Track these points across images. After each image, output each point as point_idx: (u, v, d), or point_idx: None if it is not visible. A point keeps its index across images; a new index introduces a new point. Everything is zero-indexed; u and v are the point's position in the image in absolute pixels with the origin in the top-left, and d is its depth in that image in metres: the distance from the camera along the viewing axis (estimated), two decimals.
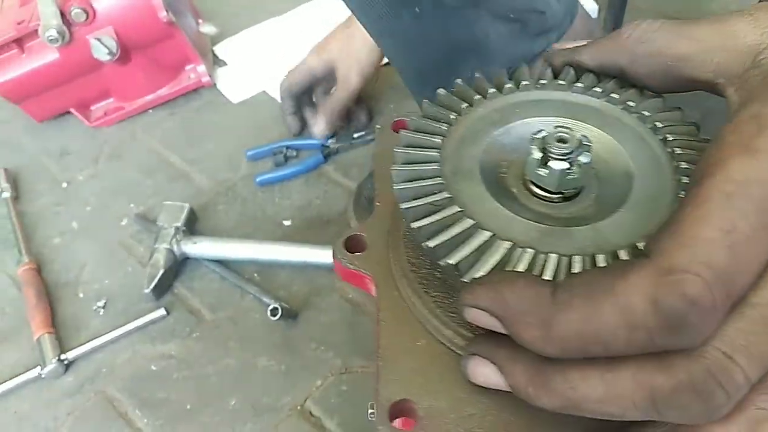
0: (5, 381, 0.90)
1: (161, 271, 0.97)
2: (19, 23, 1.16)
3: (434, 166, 0.34)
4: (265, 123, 1.26)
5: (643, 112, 0.36)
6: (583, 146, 0.33)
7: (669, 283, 0.23)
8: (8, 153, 1.28)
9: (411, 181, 0.33)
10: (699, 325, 0.23)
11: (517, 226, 0.32)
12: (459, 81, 0.39)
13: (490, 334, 0.28)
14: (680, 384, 0.23)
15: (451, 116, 0.37)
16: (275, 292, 0.97)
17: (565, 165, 0.32)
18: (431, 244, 0.31)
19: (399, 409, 0.32)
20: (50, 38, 1.14)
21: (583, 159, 0.32)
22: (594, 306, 0.24)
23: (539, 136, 0.33)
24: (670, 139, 0.34)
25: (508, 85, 0.39)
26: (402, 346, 0.35)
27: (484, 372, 0.30)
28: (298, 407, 0.85)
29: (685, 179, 0.32)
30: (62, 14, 1.15)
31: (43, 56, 1.20)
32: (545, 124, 0.36)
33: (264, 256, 1.00)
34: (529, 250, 0.29)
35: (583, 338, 0.24)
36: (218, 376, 0.90)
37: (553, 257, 0.29)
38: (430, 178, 0.33)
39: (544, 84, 0.39)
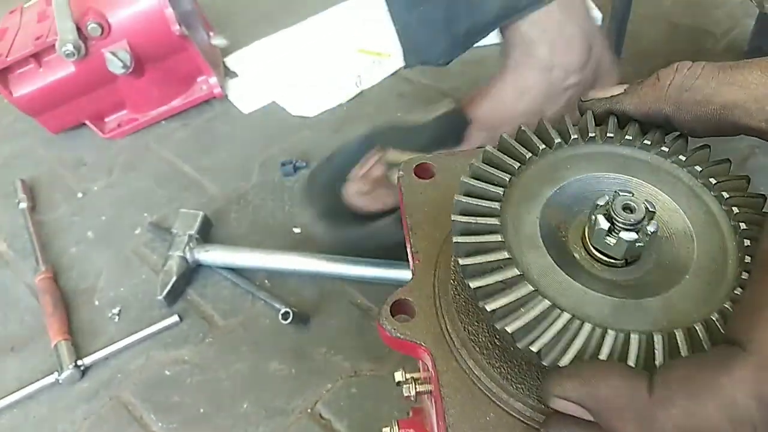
0: (24, 386, 0.93)
1: (174, 278, 0.99)
2: (37, 38, 1.19)
3: (497, 237, 0.31)
4: (276, 132, 1.29)
5: (695, 167, 0.35)
6: (649, 213, 0.31)
7: None
8: (25, 164, 1.31)
9: (475, 254, 0.31)
10: None
11: (590, 302, 0.30)
12: (505, 136, 0.36)
13: (562, 415, 0.28)
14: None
15: (506, 178, 0.34)
16: (286, 298, 0.99)
17: (635, 236, 0.31)
18: (509, 329, 0.29)
19: None
20: (67, 53, 1.17)
21: (651, 228, 0.31)
22: (697, 402, 0.24)
23: (602, 203, 0.32)
24: (726, 196, 0.33)
25: (558, 141, 0.36)
26: (472, 423, 0.33)
27: (574, 411, 0.28)
28: (309, 410, 0.86)
29: (746, 241, 0.31)
30: (78, 29, 1.18)
31: (60, 70, 1.23)
32: (600, 182, 0.35)
33: (275, 265, 1.02)
34: (611, 332, 0.28)
35: None
36: (230, 380, 0.91)
37: (634, 338, 0.28)
38: (496, 251, 0.31)
39: (592, 137, 0.36)
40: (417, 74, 1.40)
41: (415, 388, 0.47)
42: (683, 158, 0.35)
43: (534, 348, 0.29)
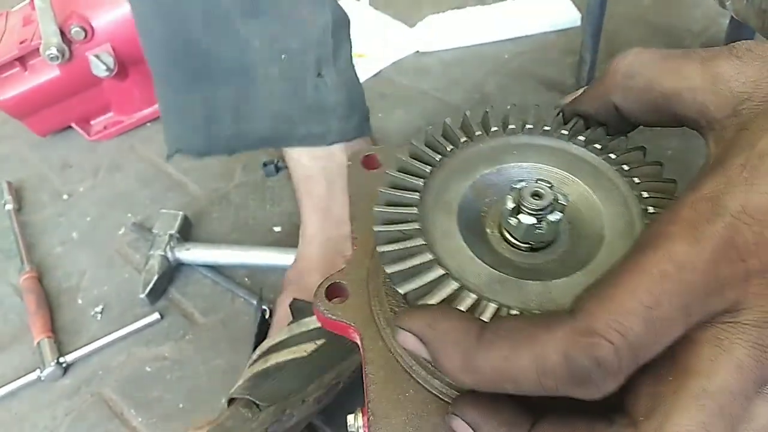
0: (7, 383, 0.94)
1: (156, 277, 1.01)
2: (21, 42, 1.21)
3: (414, 195, 0.34)
4: None
5: (634, 179, 0.35)
6: (556, 204, 0.33)
7: (583, 342, 0.25)
8: (12, 166, 1.33)
9: (390, 209, 0.33)
10: (600, 383, 0.25)
11: (473, 269, 0.32)
12: (467, 113, 0.38)
13: (471, 395, 0.30)
14: None
15: (448, 148, 0.37)
16: (265, 295, 1.01)
17: (533, 220, 0.32)
18: (389, 269, 0.32)
19: None
20: (51, 56, 1.19)
21: (552, 217, 0.33)
22: (515, 350, 0.26)
23: (518, 186, 0.33)
24: (650, 212, 0.34)
25: (512, 126, 0.38)
26: (391, 399, 0.34)
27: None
28: None
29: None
30: (62, 33, 1.20)
31: (45, 73, 1.25)
32: (535, 173, 0.36)
33: (254, 261, 1.04)
34: (472, 295, 0.30)
35: (498, 375, 0.26)
36: (209, 376, 0.93)
37: (492, 306, 0.30)
38: (406, 206, 0.33)
39: (547, 130, 0.38)
40: (399, 75, 1.43)
41: None
42: (599, 147, 0.37)
43: (402, 290, 0.31)
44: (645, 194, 0.34)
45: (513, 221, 0.33)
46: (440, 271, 0.31)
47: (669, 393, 0.26)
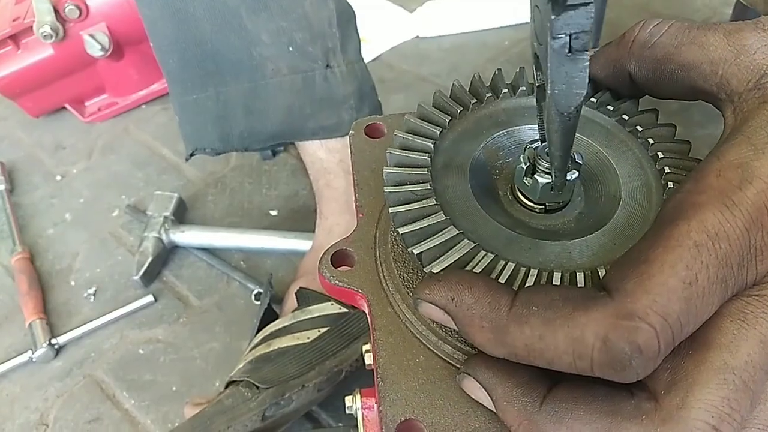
0: None
1: (150, 259, 1.00)
2: (14, 20, 1.19)
3: (424, 156, 0.33)
4: None
5: (648, 139, 0.35)
6: (573, 163, 0.32)
7: (624, 327, 0.24)
8: (4, 147, 1.31)
9: (400, 170, 0.33)
10: (639, 369, 0.24)
11: (488, 229, 0.31)
12: (477, 75, 0.38)
13: (485, 355, 0.28)
14: None
15: (458, 110, 0.36)
16: (261, 278, 0.99)
17: (549, 179, 0.32)
18: (402, 230, 0.31)
19: (405, 429, 0.32)
20: (44, 34, 1.17)
21: (569, 176, 0.32)
22: (549, 329, 0.25)
23: (532, 146, 0.33)
24: (667, 171, 0.33)
25: (522, 88, 0.37)
26: (401, 365, 0.34)
27: (477, 394, 0.30)
28: None
29: (670, 184, 0.32)
30: (56, 11, 1.18)
31: (38, 52, 1.22)
32: (512, 138, 0.36)
33: (250, 244, 1.03)
34: (490, 254, 0.29)
35: (532, 352, 0.26)
36: (203, 359, 0.92)
37: (511, 266, 0.29)
38: (418, 167, 0.33)
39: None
40: (398, 60, 1.41)
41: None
42: (611, 108, 0.36)
43: (416, 250, 0.30)
44: (660, 155, 0.33)
45: (528, 181, 0.32)
46: (454, 231, 0.30)
47: (690, 367, 0.25)
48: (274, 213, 1.11)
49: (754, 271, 0.25)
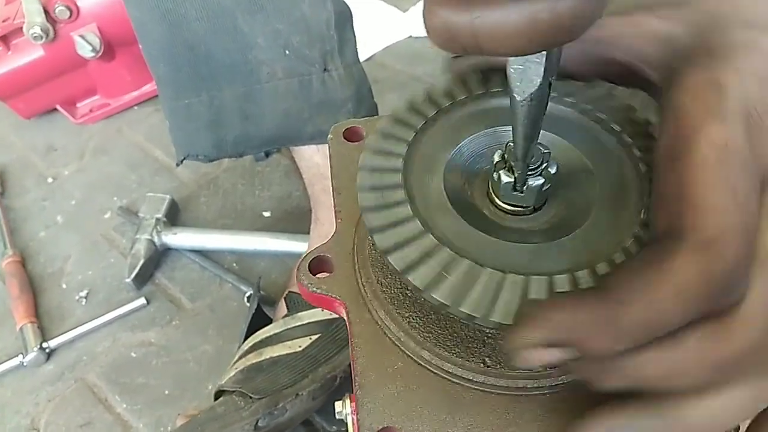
0: None
1: (142, 261, 0.99)
2: (4, 21, 1.18)
3: (398, 161, 0.33)
4: None
5: (585, 105, 0.35)
6: (545, 155, 0.32)
7: (712, 254, 0.24)
8: None
9: (374, 175, 0.32)
10: (743, 281, 0.25)
11: (464, 235, 0.31)
12: (429, 88, 0.36)
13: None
14: (742, 348, 0.25)
15: (430, 112, 0.35)
16: (253, 280, 0.99)
17: (541, 180, 0.31)
18: (378, 241, 0.30)
19: None
20: (34, 35, 1.16)
21: (552, 169, 0.32)
22: (653, 293, 0.25)
23: (499, 158, 0.32)
24: (617, 129, 0.33)
25: (496, 89, 0.36)
26: (379, 371, 0.33)
27: (551, 355, 0.27)
28: None
29: (644, 166, 0.32)
30: (46, 12, 1.17)
31: (29, 53, 1.21)
32: (493, 136, 0.35)
33: (242, 246, 1.02)
34: (467, 261, 0.29)
35: (650, 326, 0.25)
36: (196, 362, 0.91)
37: (561, 279, 0.28)
38: (391, 171, 0.32)
39: (479, 94, 0.36)
40: (392, 60, 1.40)
41: None
42: (567, 99, 0.35)
43: (392, 260, 0.29)
44: (601, 115, 0.34)
45: (519, 192, 0.32)
46: (431, 239, 0.30)
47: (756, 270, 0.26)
48: (267, 214, 1.10)
49: (764, 161, 0.26)
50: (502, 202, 0.33)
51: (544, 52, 0.25)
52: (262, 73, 0.75)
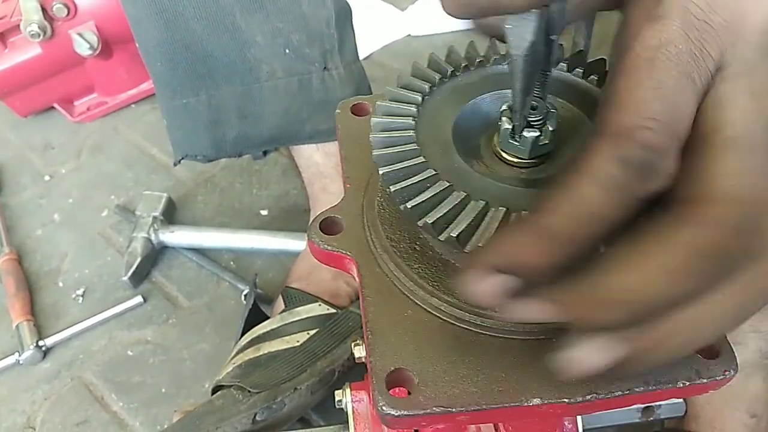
0: None
1: (139, 259, 0.99)
2: (0, 18, 1.18)
3: (408, 120, 0.35)
4: None
5: (577, 69, 0.37)
6: (550, 113, 0.34)
7: (625, 141, 0.26)
8: None
9: (386, 135, 0.35)
10: (663, 164, 0.26)
11: (477, 183, 0.33)
12: (452, 47, 0.40)
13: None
14: (734, 226, 0.25)
15: (426, 87, 0.37)
16: (251, 278, 0.98)
17: (537, 133, 0.33)
18: (392, 188, 0.33)
19: (395, 378, 0.33)
20: (32, 33, 1.16)
21: (527, 134, 0.34)
22: (573, 190, 0.26)
23: (506, 107, 0.34)
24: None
25: (496, 57, 0.39)
26: (390, 319, 0.35)
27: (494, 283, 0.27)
28: None
29: None
30: (44, 9, 1.16)
31: (26, 51, 1.21)
32: (501, 97, 0.37)
33: (240, 245, 1.02)
34: (481, 201, 0.31)
35: (580, 223, 0.26)
36: (193, 360, 0.91)
37: (501, 210, 0.31)
38: (402, 130, 0.35)
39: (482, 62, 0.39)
40: (390, 59, 1.40)
41: (363, 350, 0.49)
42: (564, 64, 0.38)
43: (409, 205, 0.32)
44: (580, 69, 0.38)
45: (516, 141, 0.34)
46: (444, 183, 0.32)
47: (697, 159, 0.26)
48: (264, 213, 1.10)
49: (709, 58, 0.27)
50: (502, 149, 0.35)
51: (537, 11, 0.28)
52: (261, 72, 0.74)
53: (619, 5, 0.34)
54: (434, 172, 0.32)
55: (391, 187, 0.33)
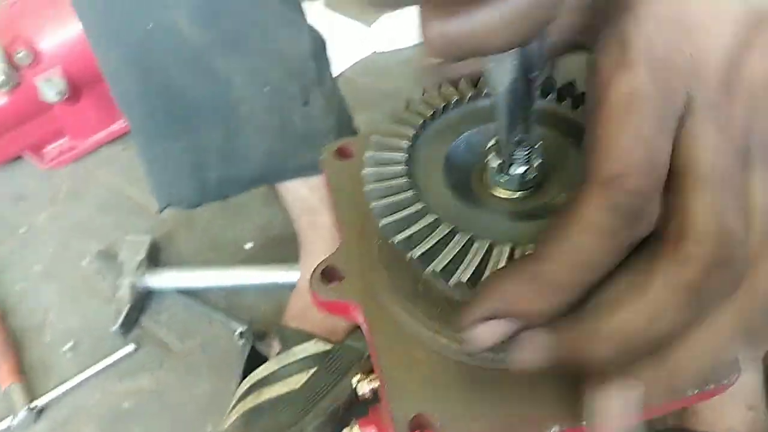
0: None
1: (127, 306, 0.97)
2: None
3: (401, 154, 0.36)
4: None
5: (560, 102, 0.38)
6: (533, 148, 0.34)
7: (615, 187, 0.26)
8: None
9: (378, 170, 0.35)
10: (648, 207, 0.27)
11: (475, 221, 0.34)
12: (442, 84, 0.40)
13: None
14: (705, 264, 0.26)
15: (412, 132, 0.38)
16: (243, 315, 0.97)
17: (524, 168, 0.34)
18: (382, 222, 0.33)
19: (416, 424, 0.33)
20: None
21: (513, 171, 0.34)
22: (567, 237, 0.27)
23: (493, 143, 0.35)
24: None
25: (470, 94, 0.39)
26: (402, 364, 0.35)
27: (494, 329, 0.28)
28: None
29: None
30: (8, 58, 1.14)
31: None
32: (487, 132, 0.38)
33: (229, 282, 1.01)
34: (485, 241, 0.31)
35: (577, 270, 0.27)
36: (193, 404, 0.89)
37: (507, 247, 0.31)
38: (395, 163, 0.35)
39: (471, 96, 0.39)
40: (358, 74, 1.40)
41: (369, 385, 0.49)
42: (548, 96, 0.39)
43: (397, 239, 0.32)
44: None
45: (504, 177, 0.35)
46: (447, 227, 0.32)
47: (676, 198, 0.27)
48: (248, 246, 1.09)
49: (677, 96, 0.28)
50: (492, 184, 0.36)
51: (515, 50, 0.28)
52: (241, 112, 0.73)
53: (583, 48, 0.36)
54: (435, 217, 0.33)
55: (393, 238, 0.33)
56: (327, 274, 0.41)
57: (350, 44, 1.47)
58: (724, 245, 0.26)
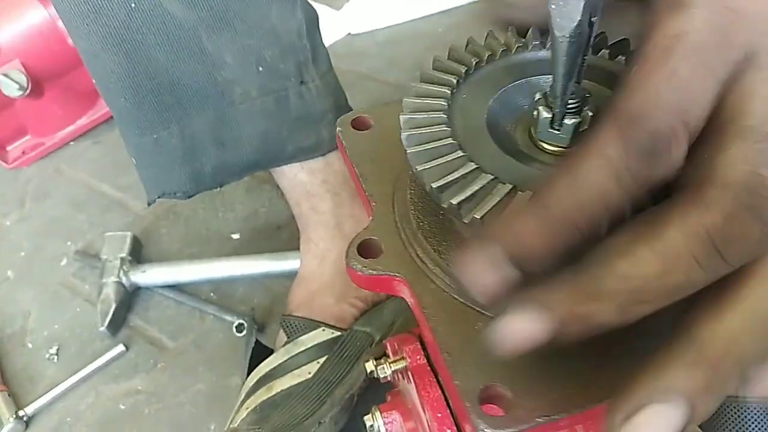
0: None
1: (113, 306, 0.93)
2: None
3: (441, 102, 0.35)
4: None
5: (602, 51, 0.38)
6: (585, 99, 0.33)
7: (631, 128, 0.25)
8: None
9: (427, 148, 0.34)
10: (669, 150, 0.25)
11: (504, 166, 0.33)
12: (491, 31, 0.40)
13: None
14: (730, 209, 0.24)
15: (454, 79, 0.37)
16: (236, 308, 0.94)
17: (578, 119, 0.33)
18: (435, 184, 0.32)
19: (487, 396, 0.32)
20: None
21: (568, 121, 0.33)
22: (577, 173, 0.25)
23: (540, 96, 0.34)
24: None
25: (535, 43, 0.39)
26: (462, 335, 0.34)
27: (522, 328, 0.26)
28: None
29: None
30: None
31: None
32: (531, 84, 0.37)
33: (217, 274, 0.97)
34: (527, 192, 0.30)
35: (581, 206, 0.25)
36: (192, 403, 0.86)
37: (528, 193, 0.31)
38: (435, 110, 0.35)
39: (518, 47, 0.39)
40: (335, 60, 1.36)
41: (390, 368, 0.48)
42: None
43: (453, 201, 0.31)
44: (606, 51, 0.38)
45: (556, 129, 0.34)
46: (488, 177, 0.31)
47: (711, 149, 0.26)
48: (235, 236, 1.05)
49: (736, 48, 0.26)
50: (541, 139, 0.35)
51: None
52: (234, 95, 0.70)
53: None
54: (463, 154, 0.32)
55: (417, 167, 0.33)
56: (364, 248, 0.39)
57: (322, 28, 1.43)
58: (754, 193, 0.24)
